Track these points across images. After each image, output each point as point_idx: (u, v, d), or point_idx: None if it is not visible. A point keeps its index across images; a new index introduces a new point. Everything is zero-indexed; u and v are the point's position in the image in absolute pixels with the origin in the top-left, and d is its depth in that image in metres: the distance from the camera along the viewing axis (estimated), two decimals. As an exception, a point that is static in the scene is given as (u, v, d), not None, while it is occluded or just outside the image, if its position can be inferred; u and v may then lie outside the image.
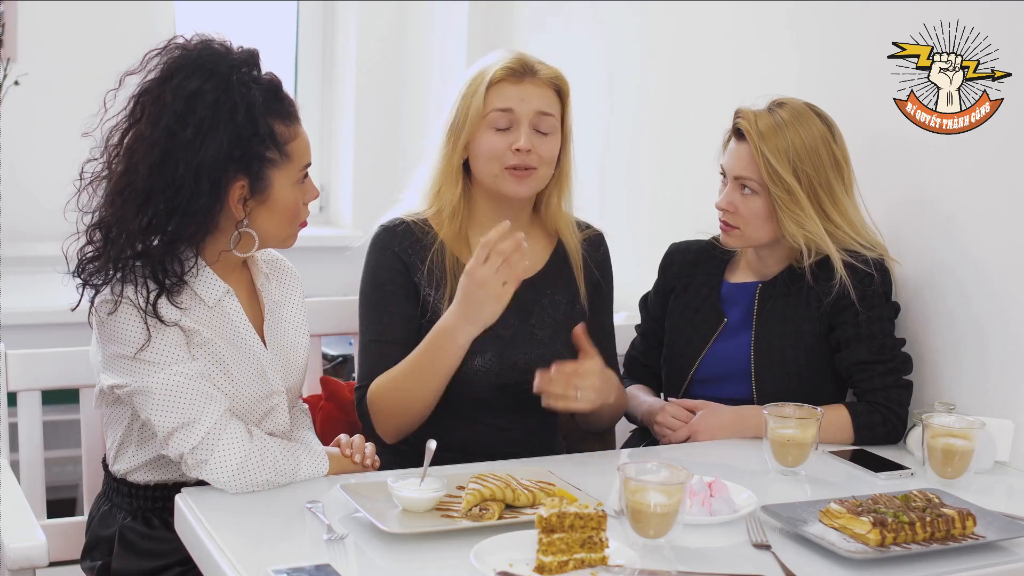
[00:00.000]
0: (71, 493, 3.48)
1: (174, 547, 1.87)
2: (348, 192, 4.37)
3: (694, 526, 1.73)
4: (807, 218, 2.23)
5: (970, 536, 1.73)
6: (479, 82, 2.14)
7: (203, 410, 1.82)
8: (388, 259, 2.19)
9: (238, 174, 1.84)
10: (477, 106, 2.13)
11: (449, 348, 2.03)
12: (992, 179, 2.22)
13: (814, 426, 1.99)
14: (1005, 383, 2.19)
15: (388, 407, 2.10)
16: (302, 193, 1.94)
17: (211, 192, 1.82)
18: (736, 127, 2.29)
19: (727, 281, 2.41)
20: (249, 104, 1.83)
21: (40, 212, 3.67)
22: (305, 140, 1.93)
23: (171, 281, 1.85)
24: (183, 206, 1.81)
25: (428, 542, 1.66)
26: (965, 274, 2.26)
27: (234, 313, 1.94)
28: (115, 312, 1.83)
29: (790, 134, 2.23)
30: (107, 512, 1.99)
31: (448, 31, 4.00)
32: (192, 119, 1.80)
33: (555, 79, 2.17)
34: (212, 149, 1.80)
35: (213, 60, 1.84)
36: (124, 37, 3.89)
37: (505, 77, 2.13)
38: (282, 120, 1.88)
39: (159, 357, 1.83)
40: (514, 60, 2.15)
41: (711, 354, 2.35)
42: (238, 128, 1.82)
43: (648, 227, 3.05)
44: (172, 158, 1.80)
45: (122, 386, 1.85)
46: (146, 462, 1.94)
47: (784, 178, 2.22)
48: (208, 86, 1.81)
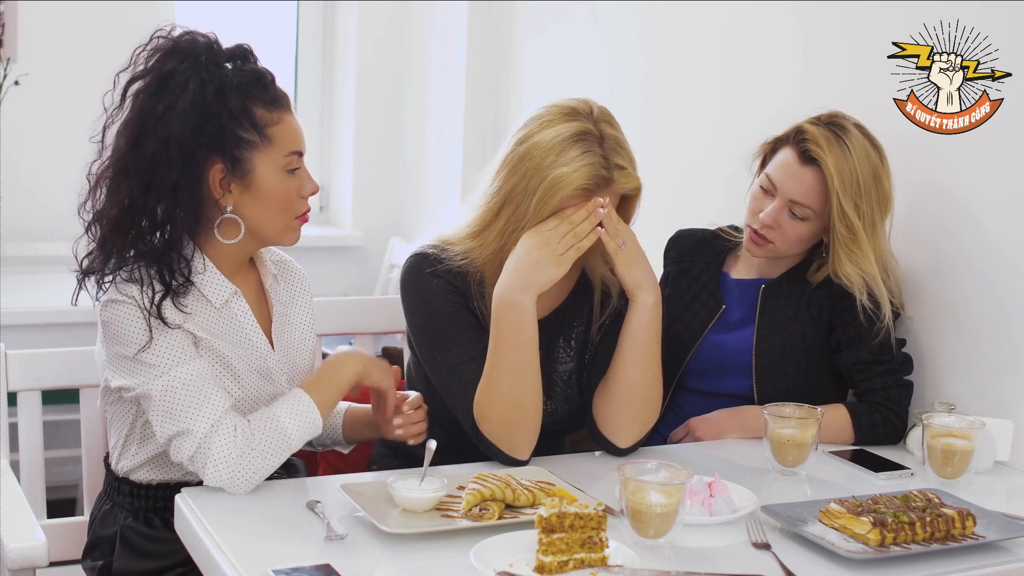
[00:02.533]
0: (71, 493, 3.48)
1: (176, 547, 1.87)
2: (348, 192, 4.37)
3: (694, 526, 1.72)
4: (864, 258, 2.18)
5: (970, 536, 1.73)
6: (552, 192, 1.93)
7: (197, 417, 1.81)
8: (438, 284, 2.05)
9: (212, 153, 1.83)
10: (547, 210, 1.95)
11: (520, 317, 1.92)
12: (992, 180, 2.22)
13: (814, 426, 1.99)
14: (1005, 383, 2.19)
15: (499, 414, 1.95)
16: (296, 183, 1.90)
17: (184, 166, 1.81)
18: (805, 150, 2.20)
19: (728, 275, 2.40)
20: (221, 82, 1.82)
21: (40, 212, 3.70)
22: (292, 127, 1.89)
23: (177, 282, 1.84)
24: (158, 181, 1.81)
25: (428, 542, 1.66)
26: (965, 274, 2.26)
27: (242, 314, 1.93)
28: (119, 311, 1.83)
29: (856, 166, 2.17)
30: (108, 512, 1.99)
31: (448, 31, 4.00)
32: (164, 96, 1.82)
33: (631, 191, 2.01)
34: (178, 122, 1.80)
35: (192, 46, 1.85)
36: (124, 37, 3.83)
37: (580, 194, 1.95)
38: (265, 105, 1.86)
39: (159, 360, 1.83)
40: (594, 177, 1.93)
41: (708, 343, 2.34)
42: (206, 101, 1.81)
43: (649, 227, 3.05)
44: (144, 135, 1.82)
45: (128, 388, 1.85)
46: (148, 459, 1.94)
47: (849, 215, 2.16)
48: (183, 66, 1.83)
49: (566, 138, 1.95)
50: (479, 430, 1.97)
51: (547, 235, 1.93)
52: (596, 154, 1.94)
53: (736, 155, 2.38)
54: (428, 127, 4.17)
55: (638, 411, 2.04)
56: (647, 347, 2.02)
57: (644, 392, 2.03)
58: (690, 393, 2.38)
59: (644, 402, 2.04)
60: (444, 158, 4.04)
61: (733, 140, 2.43)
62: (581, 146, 1.94)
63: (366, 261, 4.35)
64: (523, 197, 1.96)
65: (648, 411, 2.05)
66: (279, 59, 4.33)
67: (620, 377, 2.03)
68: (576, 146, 1.94)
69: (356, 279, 4.30)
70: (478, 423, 1.97)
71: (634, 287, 2.01)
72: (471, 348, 2.02)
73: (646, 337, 2.01)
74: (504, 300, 1.94)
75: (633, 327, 2.02)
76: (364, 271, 4.34)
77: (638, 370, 2.02)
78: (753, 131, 2.35)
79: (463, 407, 2.00)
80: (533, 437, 1.98)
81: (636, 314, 2.01)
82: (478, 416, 1.96)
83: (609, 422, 2.05)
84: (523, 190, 1.96)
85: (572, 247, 1.94)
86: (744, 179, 2.36)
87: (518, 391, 1.95)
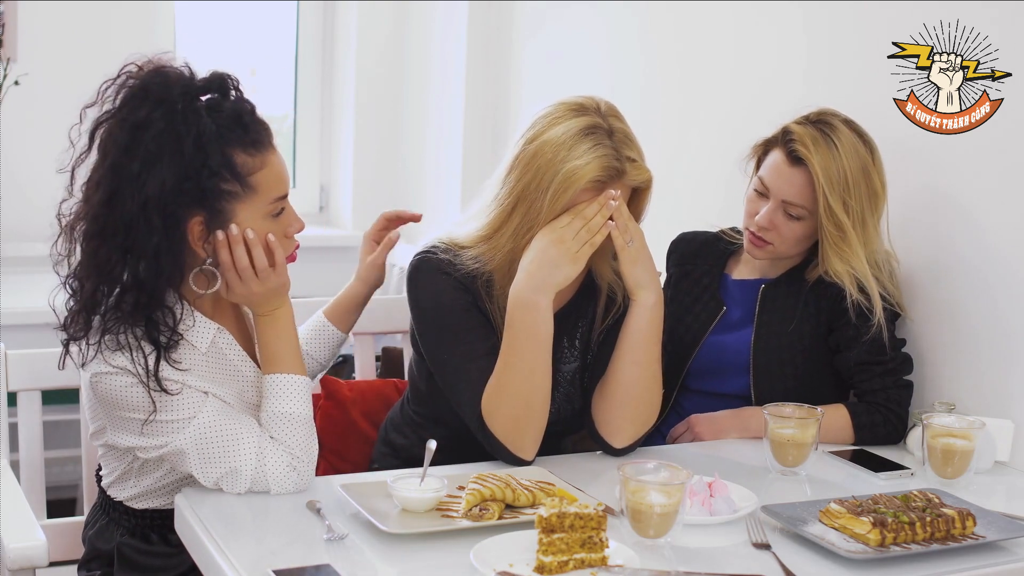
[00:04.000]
0: (71, 493, 3.48)
1: (175, 561, 1.87)
2: (348, 192, 4.36)
3: (694, 526, 1.73)
4: (854, 255, 2.18)
5: (970, 536, 1.73)
6: (564, 188, 1.93)
7: (238, 453, 1.78)
8: (447, 282, 2.03)
9: (192, 209, 1.73)
10: (560, 207, 1.94)
11: (536, 317, 1.92)
12: (993, 180, 2.22)
13: (814, 426, 1.99)
14: (1005, 383, 2.19)
15: (509, 412, 1.93)
16: (280, 226, 1.82)
17: (165, 229, 1.71)
18: (792, 151, 2.21)
19: (729, 276, 2.41)
20: (198, 133, 1.71)
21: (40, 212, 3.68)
22: (276, 170, 1.79)
23: (166, 337, 1.75)
24: (138, 246, 1.71)
25: (428, 542, 1.66)
26: (965, 274, 2.26)
27: (228, 348, 1.87)
28: (114, 382, 1.76)
29: (844, 164, 2.17)
30: (104, 527, 1.96)
31: (448, 31, 4.00)
32: (138, 151, 1.70)
33: (642, 184, 2.00)
34: (156, 183, 1.69)
35: (163, 87, 1.73)
36: (124, 37, 3.89)
37: (592, 187, 1.94)
38: (245, 149, 1.75)
39: (179, 414, 1.77)
40: (606, 169, 1.93)
41: (709, 344, 2.35)
42: (185, 159, 1.70)
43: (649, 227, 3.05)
44: (120, 194, 1.70)
45: (147, 448, 1.79)
46: (145, 491, 1.91)
47: (837, 214, 2.17)
48: (156, 115, 1.71)
49: (576, 133, 1.94)
50: (486, 428, 1.96)
51: (561, 233, 1.93)
52: (607, 147, 1.94)
53: (736, 156, 2.38)
54: (428, 127, 4.17)
55: (636, 412, 2.03)
56: (646, 347, 2.01)
57: (642, 393, 2.03)
58: (691, 393, 2.38)
59: (642, 403, 2.03)
60: (444, 158, 4.04)
61: (733, 141, 2.42)
62: (592, 139, 1.94)
63: (366, 261, 4.34)
64: (536, 194, 1.95)
65: (646, 413, 2.05)
66: (279, 59, 4.33)
67: (619, 377, 2.02)
68: (587, 140, 1.94)
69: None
70: (486, 420, 1.95)
71: (635, 286, 2.00)
72: (479, 346, 2.00)
73: (646, 337, 2.01)
74: (520, 300, 1.94)
75: (632, 326, 2.01)
76: (364, 271, 4.32)
77: (637, 370, 2.02)
78: (753, 132, 2.35)
79: (468, 405, 1.99)
80: (539, 437, 1.98)
81: (636, 313, 2.01)
82: (487, 413, 1.95)
83: (606, 423, 2.04)
84: (536, 187, 1.95)
85: (586, 243, 1.93)
86: (743, 181, 2.36)
87: (529, 390, 1.94)
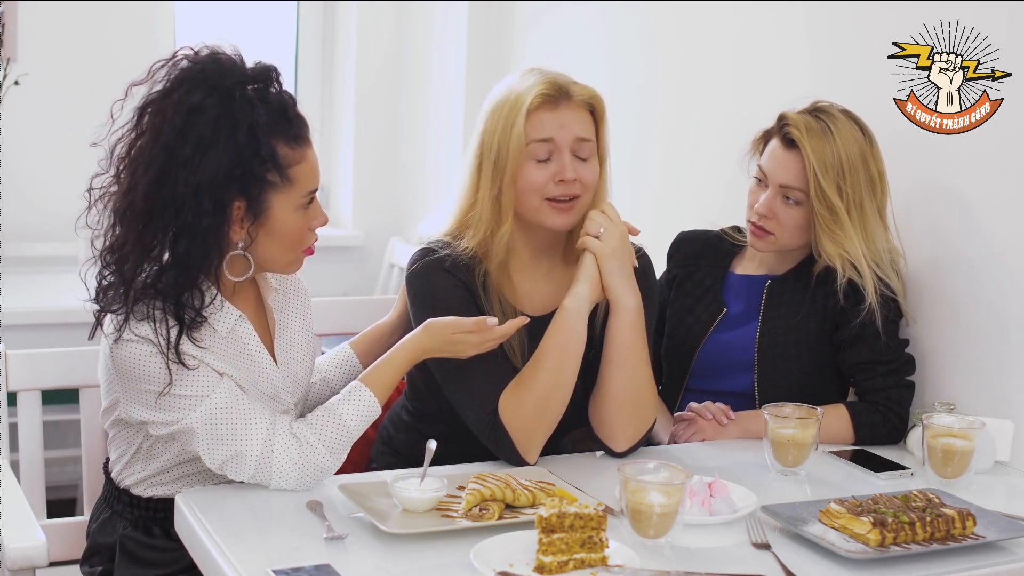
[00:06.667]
0: (71, 493, 3.48)
1: (176, 556, 1.87)
2: (348, 192, 4.37)
3: (694, 526, 1.73)
4: (846, 238, 2.19)
5: (970, 536, 1.73)
6: (516, 111, 2.00)
7: (246, 437, 1.79)
8: (446, 279, 2.05)
9: (236, 195, 1.78)
10: (518, 138, 1.99)
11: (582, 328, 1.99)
12: (993, 180, 2.22)
13: (814, 426, 1.99)
14: (1005, 383, 2.19)
15: (527, 411, 1.95)
16: (306, 219, 1.86)
17: (214, 212, 1.76)
18: (786, 135, 2.22)
19: (733, 272, 2.40)
20: (252, 123, 1.75)
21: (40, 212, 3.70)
22: (312, 164, 1.85)
23: (190, 316, 1.79)
24: (188, 226, 1.75)
25: (428, 542, 1.66)
26: (965, 274, 2.26)
27: (247, 337, 1.89)
28: (135, 350, 1.78)
29: (838, 147, 2.18)
30: (107, 519, 1.97)
31: (448, 31, 4.00)
32: (191, 135, 1.74)
33: (590, 100, 2.06)
34: (211, 167, 1.74)
35: (218, 74, 1.77)
36: (124, 37, 3.90)
37: (542, 104, 2.01)
38: (288, 142, 1.80)
39: (192, 390, 1.79)
40: (549, 84, 2.02)
41: (713, 343, 2.34)
42: (238, 147, 1.75)
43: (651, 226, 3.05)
44: (171, 176, 1.74)
45: (158, 423, 1.81)
46: (153, 475, 1.91)
47: (829, 196, 2.18)
48: (210, 101, 1.75)
49: (516, 78, 2.07)
50: (498, 423, 1.96)
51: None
52: (548, 73, 2.06)
53: (737, 155, 2.38)
54: (428, 127, 4.17)
55: (630, 415, 2.04)
56: (632, 350, 2.03)
57: (634, 396, 2.03)
58: (695, 394, 2.37)
59: (636, 406, 2.04)
60: (444, 158, 4.04)
61: (734, 140, 2.42)
62: (533, 74, 2.06)
63: (366, 261, 4.35)
64: (493, 136, 2.02)
65: (642, 414, 2.05)
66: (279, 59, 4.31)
67: (608, 384, 2.04)
68: (529, 76, 2.06)
69: (356, 279, 4.30)
70: (502, 415, 1.96)
71: (614, 293, 2.03)
72: None
73: (630, 341, 2.02)
74: (574, 309, 1.99)
75: (616, 334, 2.03)
76: (364, 271, 4.34)
77: (625, 374, 2.03)
78: (754, 131, 2.35)
79: (469, 404, 1.99)
80: (543, 442, 1.99)
81: (619, 318, 2.03)
82: (505, 408, 1.96)
83: (603, 427, 2.06)
84: (491, 129, 2.03)
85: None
86: (744, 180, 2.36)
87: (551, 390, 1.97)
